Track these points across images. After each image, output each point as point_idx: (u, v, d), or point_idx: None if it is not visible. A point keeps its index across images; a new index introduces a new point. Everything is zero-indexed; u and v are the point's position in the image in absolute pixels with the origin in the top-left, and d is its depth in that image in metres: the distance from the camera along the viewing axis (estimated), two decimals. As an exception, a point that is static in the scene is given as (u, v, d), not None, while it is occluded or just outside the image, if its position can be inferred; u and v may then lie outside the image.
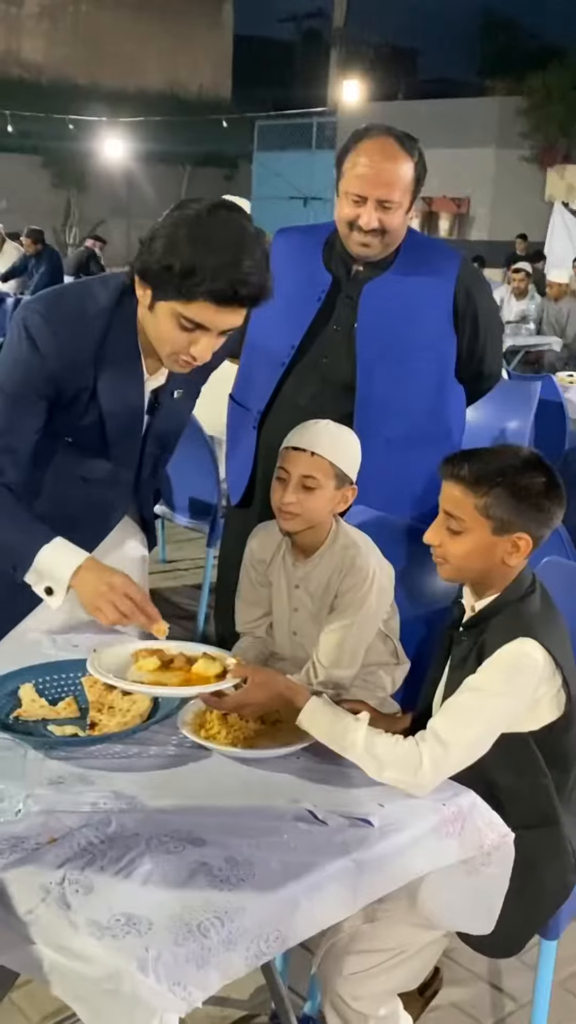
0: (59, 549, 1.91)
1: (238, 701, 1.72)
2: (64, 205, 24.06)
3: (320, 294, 2.72)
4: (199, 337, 1.88)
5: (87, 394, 1.98)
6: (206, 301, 1.81)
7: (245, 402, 2.87)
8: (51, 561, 1.91)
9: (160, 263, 1.81)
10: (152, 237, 1.85)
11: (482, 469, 1.82)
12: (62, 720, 1.82)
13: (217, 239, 1.79)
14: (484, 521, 1.82)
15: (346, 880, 1.47)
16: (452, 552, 1.86)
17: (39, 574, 1.92)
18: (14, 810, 1.53)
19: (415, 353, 2.71)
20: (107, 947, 1.27)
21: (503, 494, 1.80)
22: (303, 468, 2.27)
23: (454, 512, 1.84)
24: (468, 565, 1.86)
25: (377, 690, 2.37)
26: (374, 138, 2.59)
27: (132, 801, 1.59)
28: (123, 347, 1.98)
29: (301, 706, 1.71)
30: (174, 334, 1.88)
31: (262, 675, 1.77)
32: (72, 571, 1.89)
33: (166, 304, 1.85)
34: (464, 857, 1.65)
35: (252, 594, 2.45)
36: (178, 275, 1.79)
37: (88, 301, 1.98)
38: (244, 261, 1.79)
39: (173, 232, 1.81)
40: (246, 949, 1.34)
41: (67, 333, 1.93)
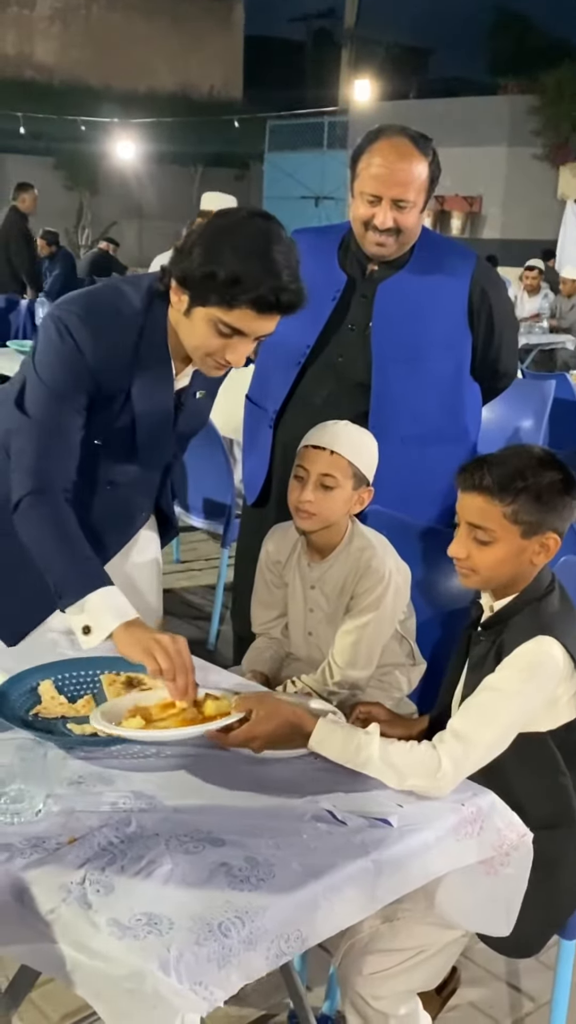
0: (113, 596, 1.85)
1: (245, 735, 1.69)
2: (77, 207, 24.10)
3: (335, 294, 2.73)
4: (236, 343, 1.90)
5: (122, 396, 1.99)
6: (248, 309, 1.83)
7: (261, 402, 2.87)
8: (101, 606, 1.84)
9: (202, 270, 1.83)
10: (191, 245, 1.87)
11: (504, 476, 1.80)
12: (81, 718, 1.82)
13: (257, 248, 1.82)
14: (513, 528, 1.81)
15: (366, 880, 1.48)
16: (482, 563, 1.84)
17: (83, 611, 1.86)
18: (35, 810, 1.54)
19: (430, 352, 2.71)
20: (128, 947, 1.27)
21: (528, 498, 1.79)
22: (322, 467, 2.27)
23: (481, 523, 1.82)
24: (499, 573, 1.85)
25: (393, 691, 2.37)
26: (388, 138, 2.59)
27: (151, 801, 1.59)
28: (155, 350, 2.00)
29: (309, 731, 1.70)
30: (211, 339, 1.90)
31: (266, 706, 1.73)
32: (120, 623, 1.83)
33: (205, 310, 1.87)
34: (483, 858, 1.65)
35: (267, 595, 2.46)
36: (222, 283, 1.81)
37: (121, 302, 1.99)
38: (284, 270, 1.82)
39: (213, 240, 1.84)
40: (267, 949, 1.34)
41: (105, 333, 1.94)
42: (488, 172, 18.79)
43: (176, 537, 2.54)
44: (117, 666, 1.96)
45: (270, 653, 2.44)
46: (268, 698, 1.78)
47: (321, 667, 2.31)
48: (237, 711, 1.71)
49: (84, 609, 1.84)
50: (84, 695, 1.90)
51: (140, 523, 2.26)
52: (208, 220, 1.91)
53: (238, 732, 1.69)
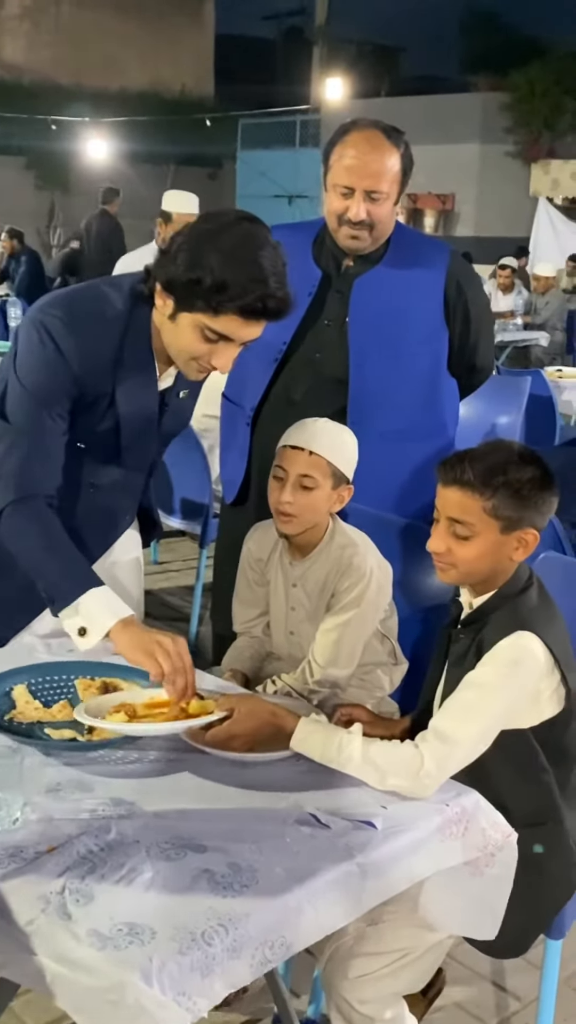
0: (107, 596, 1.83)
1: (226, 733, 1.68)
2: (48, 206, 23.95)
3: (311, 289, 2.71)
4: (221, 348, 1.87)
5: (106, 400, 1.97)
6: (234, 315, 1.81)
7: (238, 399, 2.85)
8: (95, 607, 1.82)
9: (188, 276, 1.80)
10: (176, 249, 1.84)
11: (485, 470, 1.79)
12: (58, 723, 1.79)
13: (244, 253, 1.79)
14: (493, 522, 1.80)
15: (351, 884, 1.45)
16: (461, 557, 1.83)
17: (76, 613, 1.83)
18: (12, 819, 1.51)
19: (407, 347, 2.69)
20: (109, 957, 1.24)
21: (507, 493, 1.78)
22: (301, 467, 2.25)
23: (461, 517, 1.81)
24: (477, 568, 1.83)
25: (375, 690, 2.35)
26: (360, 130, 2.59)
27: (131, 807, 1.56)
28: (139, 352, 1.97)
29: (291, 731, 1.68)
30: (196, 344, 1.87)
31: (248, 705, 1.72)
32: (114, 622, 1.81)
33: (190, 316, 1.85)
34: (468, 859, 1.63)
35: (249, 594, 2.43)
36: (208, 289, 1.79)
37: (104, 305, 1.96)
38: (271, 276, 1.80)
39: (199, 245, 1.81)
40: (251, 957, 1.32)
41: (88, 336, 1.91)
42: (461, 170, 18.82)
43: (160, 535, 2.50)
44: (91, 671, 1.94)
45: (250, 652, 2.41)
46: (250, 697, 1.76)
47: (301, 666, 2.29)
48: (219, 710, 1.69)
49: (78, 611, 1.82)
50: (59, 700, 1.87)
51: (124, 526, 2.23)
52: (194, 223, 1.88)
53: (218, 730, 1.67)
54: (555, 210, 17.20)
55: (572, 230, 16.67)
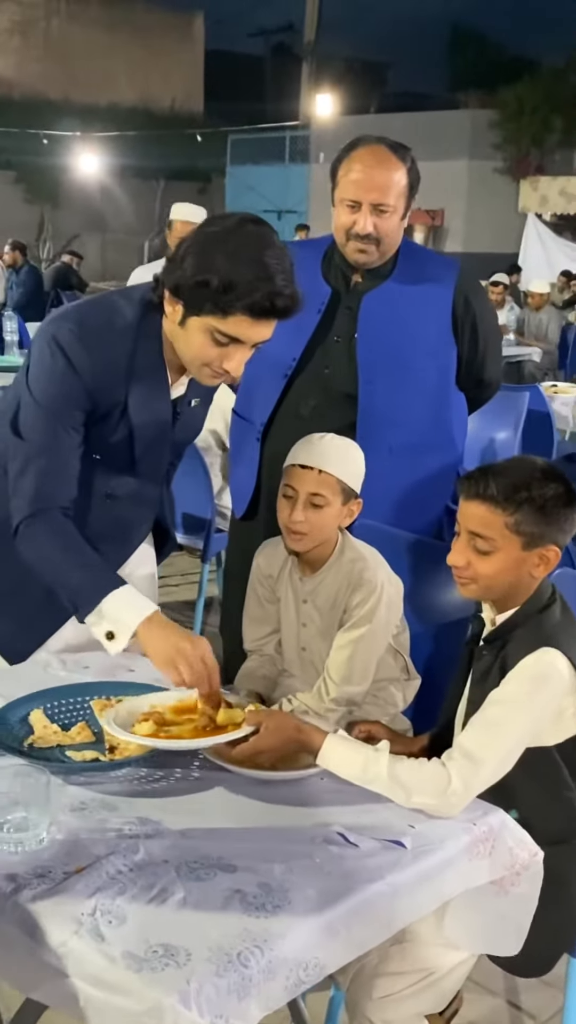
0: (128, 595, 1.83)
1: (252, 749, 1.67)
2: (38, 220, 23.97)
3: (320, 306, 2.72)
4: (232, 351, 1.87)
5: (119, 410, 1.96)
6: (243, 315, 1.81)
7: (248, 414, 2.85)
8: (119, 607, 1.81)
9: (195, 279, 1.80)
10: (182, 254, 1.84)
11: (508, 485, 1.79)
12: (79, 745, 1.77)
13: (250, 253, 1.79)
14: (514, 538, 1.79)
15: (382, 904, 1.44)
16: (482, 572, 1.82)
17: (102, 617, 1.82)
18: (38, 838, 1.49)
19: (416, 361, 2.70)
20: (146, 980, 1.23)
21: (530, 509, 1.78)
22: (311, 486, 2.24)
23: (482, 532, 1.81)
24: (498, 583, 1.83)
25: (388, 706, 2.34)
26: (367, 146, 2.61)
27: (158, 827, 1.55)
28: (150, 361, 1.97)
29: (317, 747, 1.67)
30: (207, 349, 1.87)
31: (274, 720, 1.71)
32: (140, 620, 1.80)
33: (199, 319, 1.84)
34: (495, 877, 1.62)
35: (259, 611, 2.42)
36: (215, 290, 1.79)
37: (114, 316, 1.95)
38: (278, 275, 1.79)
39: (205, 248, 1.81)
40: (286, 978, 1.31)
41: (99, 348, 1.91)
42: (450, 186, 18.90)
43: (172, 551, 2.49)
44: (107, 690, 1.92)
45: (263, 672, 2.40)
46: (277, 713, 1.76)
47: (317, 684, 2.28)
48: (246, 725, 1.69)
49: (103, 615, 1.82)
50: (77, 722, 1.85)
51: (139, 537, 2.23)
52: (199, 228, 1.88)
53: (245, 746, 1.66)
54: (544, 226, 17.34)
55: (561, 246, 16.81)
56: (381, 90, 32.45)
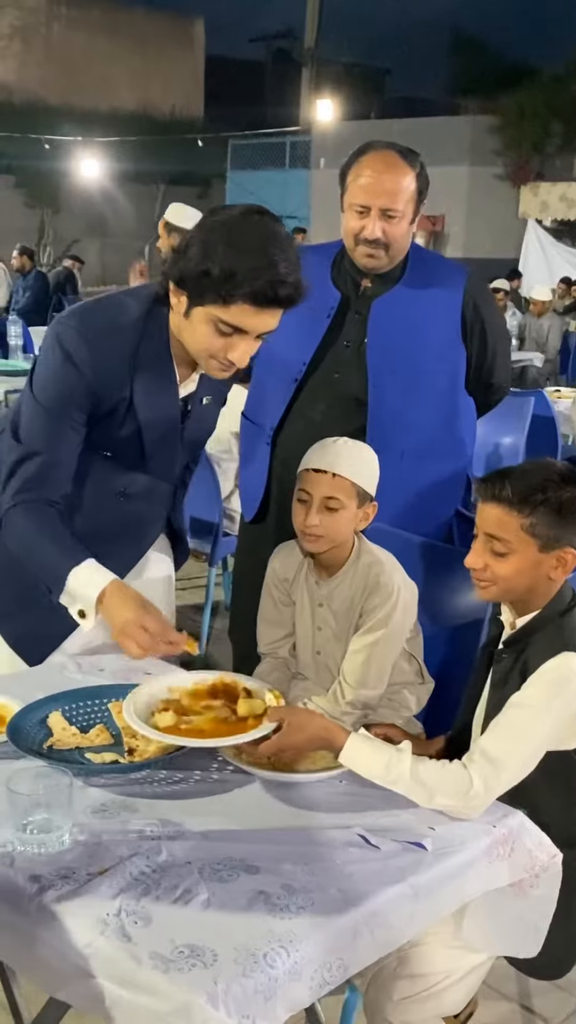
0: (88, 570, 1.88)
1: (276, 746, 1.67)
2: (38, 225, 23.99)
3: (330, 311, 2.73)
4: (237, 342, 1.87)
5: (124, 405, 1.97)
6: (245, 304, 1.81)
7: (258, 419, 2.86)
8: (80, 583, 1.88)
9: (197, 268, 1.81)
10: (186, 245, 1.85)
11: (524, 488, 1.80)
12: (97, 747, 1.78)
13: (252, 242, 1.80)
14: (530, 541, 1.80)
15: (404, 906, 1.45)
16: (499, 574, 1.83)
17: (71, 596, 1.89)
18: (60, 839, 1.50)
19: (425, 366, 2.71)
20: (174, 980, 1.24)
21: (547, 511, 1.79)
22: (325, 490, 2.25)
23: (498, 534, 1.82)
24: (515, 585, 1.84)
25: (402, 710, 2.35)
26: (376, 151, 2.63)
27: (179, 828, 1.55)
28: (156, 355, 1.97)
29: (340, 745, 1.67)
30: (211, 339, 1.87)
31: (298, 717, 1.71)
32: (97, 593, 1.86)
33: (203, 310, 1.85)
34: (514, 879, 1.63)
35: (274, 614, 2.43)
36: (217, 279, 1.79)
37: (119, 313, 1.97)
38: (280, 262, 1.80)
39: (208, 238, 1.82)
40: (311, 979, 1.32)
41: (101, 345, 1.92)
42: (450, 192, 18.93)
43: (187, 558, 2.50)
44: (124, 693, 1.92)
45: (276, 675, 2.41)
46: (300, 710, 1.76)
47: (332, 687, 2.28)
48: (268, 721, 1.69)
49: (70, 593, 1.88)
50: (95, 725, 1.86)
51: (152, 536, 2.23)
52: (203, 219, 1.89)
53: (269, 744, 1.66)
54: (544, 232, 17.36)
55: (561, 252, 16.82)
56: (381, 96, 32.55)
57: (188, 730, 1.70)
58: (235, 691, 1.81)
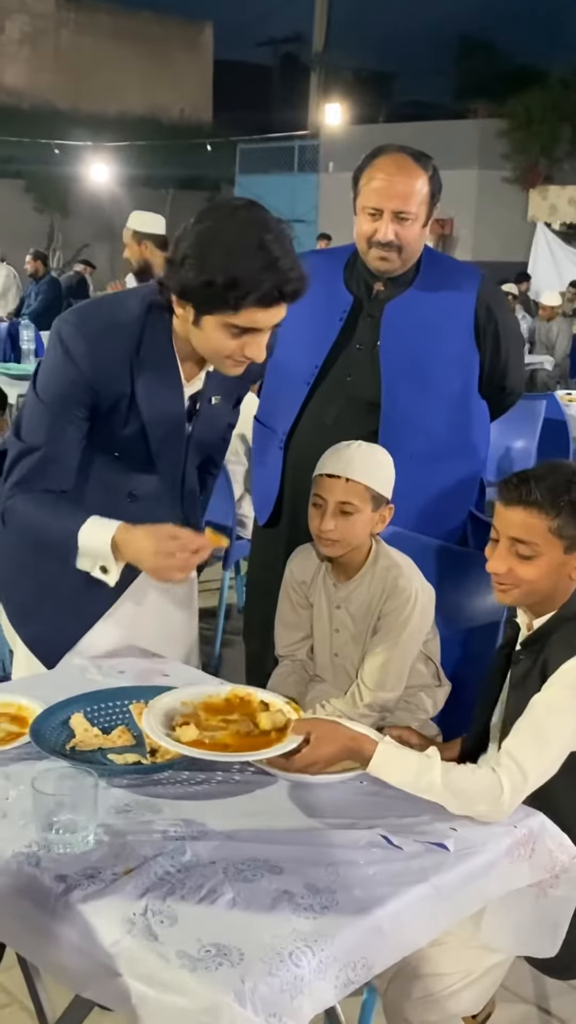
0: (94, 525, 1.92)
1: (306, 761, 1.65)
2: (48, 229, 24.06)
3: (342, 314, 2.74)
4: (250, 339, 1.89)
5: (126, 401, 1.97)
6: (254, 308, 1.82)
7: (270, 423, 2.87)
8: (90, 539, 1.92)
9: (199, 280, 1.81)
10: (181, 256, 1.84)
11: (550, 490, 1.80)
12: (120, 748, 1.79)
13: (248, 244, 1.79)
14: (557, 542, 1.81)
15: (427, 906, 1.46)
16: (524, 578, 1.83)
17: (88, 555, 1.92)
18: (85, 840, 1.51)
19: (438, 369, 2.72)
20: (201, 979, 1.25)
21: (571, 512, 1.80)
22: (339, 495, 2.26)
23: (524, 538, 1.82)
24: (539, 588, 1.84)
25: (419, 712, 2.36)
26: (389, 154, 2.64)
27: (202, 828, 1.57)
28: (159, 352, 1.98)
29: (369, 755, 1.66)
30: (226, 343, 1.89)
31: (325, 728, 1.69)
32: (110, 541, 1.91)
33: (212, 318, 1.86)
34: (535, 880, 1.64)
35: (293, 616, 2.44)
36: (221, 289, 1.80)
37: (119, 311, 1.99)
38: (281, 259, 1.80)
39: (203, 248, 1.81)
40: (335, 977, 1.33)
41: (100, 340, 1.93)
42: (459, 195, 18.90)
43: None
44: (145, 695, 1.94)
45: (295, 677, 2.42)
46: (324, 722, 1.75)
47: (350, 690, 2.29)
48: (294, 733, 1.68)
49: (85, 553, 1.92)
50: (117, 726, 1.87)
51: None
52: (194, 224, 1.86)
53: (299, 758, 1.65)
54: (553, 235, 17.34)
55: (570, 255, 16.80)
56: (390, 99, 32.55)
57: (213, 744, 1.67)
58: (251, 704, 1.80)
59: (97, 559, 1.93)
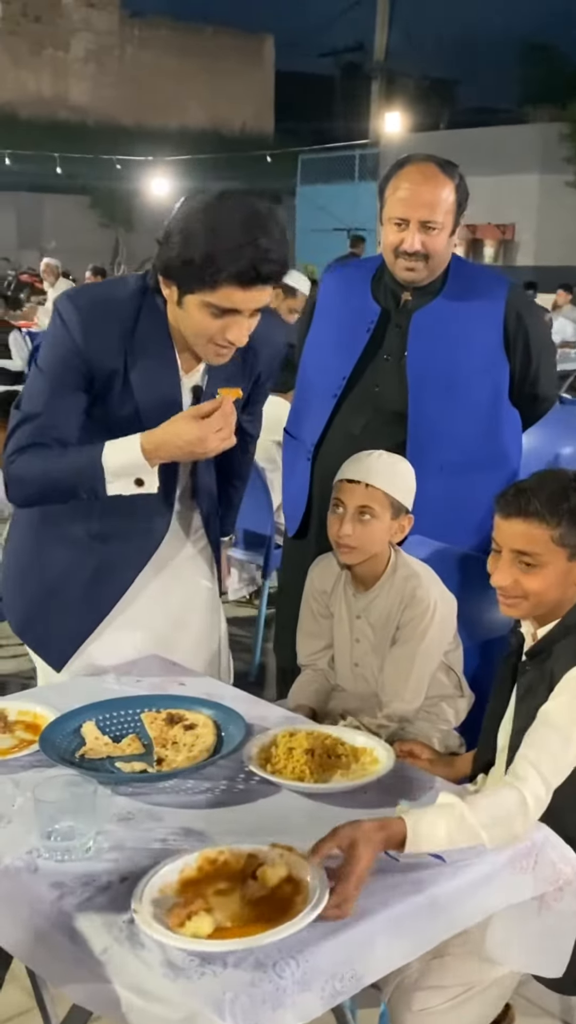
0: (114, 444, 1.93)
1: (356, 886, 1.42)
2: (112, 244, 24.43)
3: (369, 325, 2.74)
4: (231, 321, 1.90)
5: (120, 380, 1.99)
6: (230, 286, 1.84)
7: (299, 434, 2.88)
8: (117, 455, 1.92)
9: (180, 258, 1.84)
10: (167, 235, 1.87)
11: (549, 499, 1.79)
12: (128, 757, 1.81)
13: (230, 223, 1.82)
14: (560, 551, 1.79)
15: (421, 917, 1.45)
16: (531, 589, 1.81)
17: (118, 473, 1.92)
18: (84, 847, 1.53)
19: (467, 379, 2.70)
20: (182, 989, 1.26)
21: (572, 519, 1.78)
22: (358, 499, 2.26)
23: (527, 548, 1.80)
24: (547, 598, 1.82)
25: (440, 723, 2.34)
26: (414, 163, 2.63)
27: (201, 838, 1.58)
28: (154, 335, 2.00)
29: (401, 835, 1.51)
30: (207, 323, 1.90)
31: (350, 838, 1.46)
32: (139, 449, 1.91)
33: (193, 297, 1.88)
34: (537, 893, 1.62)
35: (313, 626, 2.44)
36: (199, 266, 1.82)
37: (116, 288, 2.04)
38: (260, 239, 1.81)
39: (187, 226, 1.84)
40: (321, 989, 1.33)
41: (92, 311, 1.97)
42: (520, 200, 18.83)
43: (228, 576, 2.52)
44: (157, 703, 1.96)
45: (315, 686, 2.42)
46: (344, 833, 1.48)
47: (369, 701, 2.29)
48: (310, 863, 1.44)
49: (118, 472, 1.91)
50: (127, 735, 1.89)
51: (160, 530, 2.17)
52: (181, 205, 1.90)
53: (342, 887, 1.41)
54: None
55: None
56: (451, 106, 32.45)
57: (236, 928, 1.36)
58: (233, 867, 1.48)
59: (130, 474, 1.92)
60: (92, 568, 2.11)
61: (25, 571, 2.18)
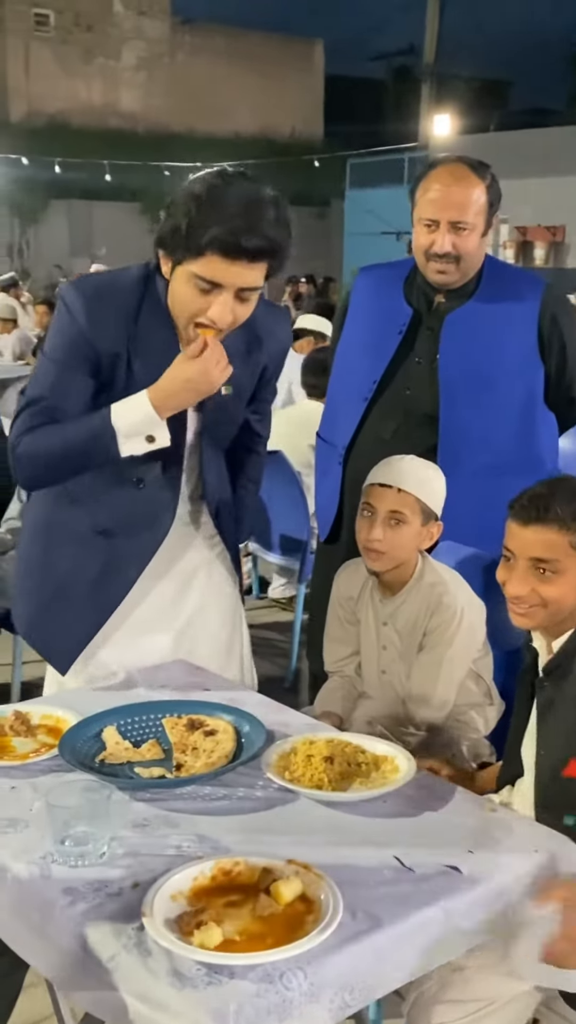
0: (121, 404, 1.95)
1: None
2: (162, 251, 24.57)
3: (401, 327, 2.72)
4: (215, 298, 1.89)
5: (123, 365, 2.00)
6: (214, 254, 1.84)
7: (330, 438, 2.87)
8: (125, 414, 1.94)
9: (171, 224, 1.87)
10: (167, 207, 1.90)
11: (566, 504, 1.75)
12: (147, 762, 1.81)
13: (225, 197, 1.84)
14: None
15: (434, 930, 1.43)
16: (549, 597, 1.77)
17: (130, 433, 1.94)
18: (99, 853, 1.53)
19: (500, 381, 2.67)
20: (187, 998, 1.25)
21: None
22: (389, 504, 2.24)
23: (546, 555, 1.76)
24: (565, 606, 1.78)
25: (470, 731, 2.31)
26: (445, 165, 2.62)
27: (216, 845, 1.56)
28: (158, 321, 2.01)
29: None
30: (194, 298, 1.91)
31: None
32: (150, 406, 1.93)
33: (182, 268, 1.90)
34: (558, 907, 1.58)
35: (340, 632, 2.43)
36: (185, 234, 1.84)
37: (120, 275, 2.06)
38: (251, 214, 1.82)
39: (186, 199, 1.87)
40: (330, 1001, 1.31)
41: (94, 295, 1.99)
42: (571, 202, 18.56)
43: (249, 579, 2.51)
44: (178, 708, 1.95)
45: (342, 693, 2.40)
46: None
47: (396, 708, 2.26)
48: None
49: (127, 433, 1.93)
50: (148, 740, 1.89)
51: (166, 524, 2.16)
52: (187, 184, 1.92)
53: None
54: None
55: None
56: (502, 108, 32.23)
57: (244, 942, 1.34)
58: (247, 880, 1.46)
59: (140, 432, 1.94)
60: (99, 565, 2.11)
61: (33, 572, 2.19)
